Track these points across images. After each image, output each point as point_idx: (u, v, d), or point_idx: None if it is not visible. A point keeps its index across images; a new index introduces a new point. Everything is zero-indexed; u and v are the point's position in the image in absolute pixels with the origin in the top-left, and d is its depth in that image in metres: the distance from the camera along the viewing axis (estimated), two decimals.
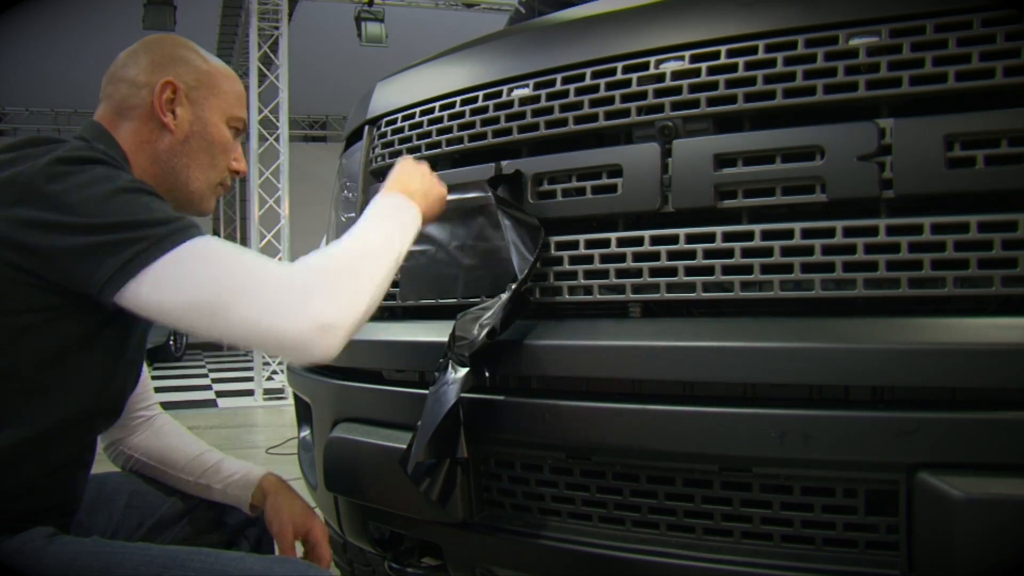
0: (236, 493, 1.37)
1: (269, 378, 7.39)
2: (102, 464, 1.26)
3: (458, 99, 1.32)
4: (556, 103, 1.19)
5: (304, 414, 1.71)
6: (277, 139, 7.36)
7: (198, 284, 0.91)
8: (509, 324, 1.13)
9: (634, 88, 1.12)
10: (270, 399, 6.99)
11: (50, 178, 0.93)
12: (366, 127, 1.53)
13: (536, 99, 1.21)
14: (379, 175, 1.50)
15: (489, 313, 1.11)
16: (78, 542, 1.00)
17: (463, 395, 1.10)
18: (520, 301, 1.14)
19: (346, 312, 0.94)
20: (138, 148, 1.13)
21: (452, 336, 1.13)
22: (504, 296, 1.13)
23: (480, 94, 1.29)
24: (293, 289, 0.92)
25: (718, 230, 1.04)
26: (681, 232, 1.07)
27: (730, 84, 1.05)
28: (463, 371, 1.10)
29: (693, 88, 1.08)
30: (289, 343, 0.90)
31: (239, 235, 13.16)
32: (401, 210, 1.14)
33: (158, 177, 1.14)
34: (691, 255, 1.06)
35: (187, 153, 1.16)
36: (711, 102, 1.06)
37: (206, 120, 1.17)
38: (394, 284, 1.38)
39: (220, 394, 7.47)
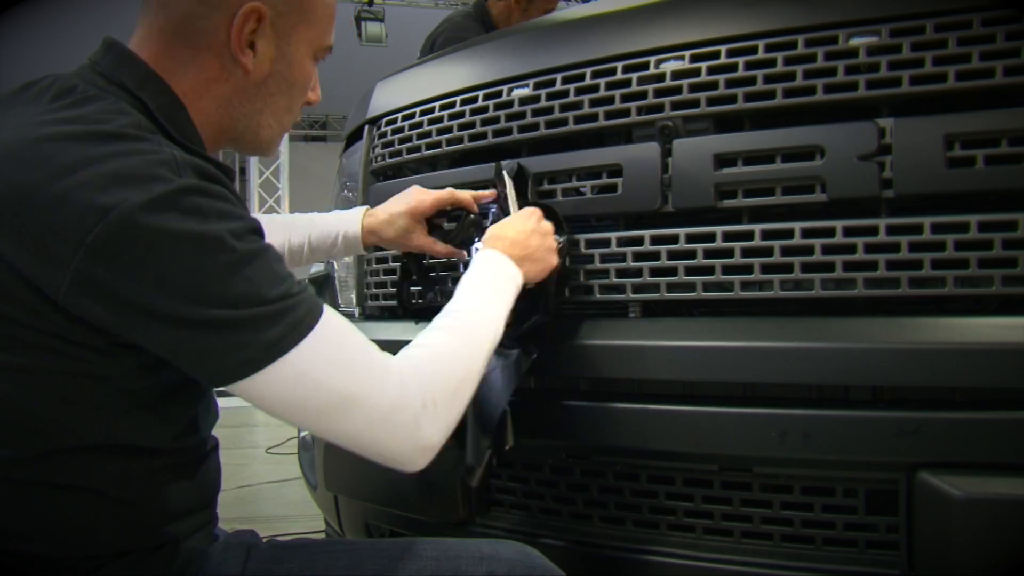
0: (346, 251, 1.32)
1: None
2: None
3: (458, 99, 1.32)
4: (556, 103, 1.19)
5: None
6: None
7: (314, 389, 0.80)
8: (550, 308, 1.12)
9: (634, 88, 1.12)
10: None
11: (135, 239, 0.73)
12: (366, 127, 1.53)
13: (536, 99, 1.21)
14: (379, 174, 1.50)
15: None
16: (297, 546, 0.93)
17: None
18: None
19: (447, 431, 0.88)
20: (201, 90, 0.88)
21: None
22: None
23: (480, 94, 1.29)
24: (407, 410, 0.83)
25: (718, 230, 1.04)
26: (681, 232, 1.07)
27: (730, 84, 1.05)
28: (513, 353, 1.08)
29: (693, 88, 1.08)
30: (390, 459, 0.85)
31: None
32: (512, 287, 1.03)
33: (223, 124, 0.91)
34: (691, 255, 1.06)
35: (262, 97, 0.92)
36: (711, 102, 1.06)
37: (291, 58, 0.92)
38: (394, 284, 1.38)
39: (220, 393, 7.44)
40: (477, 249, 1.16)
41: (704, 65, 1.07)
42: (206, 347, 0.76)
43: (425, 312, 1.35)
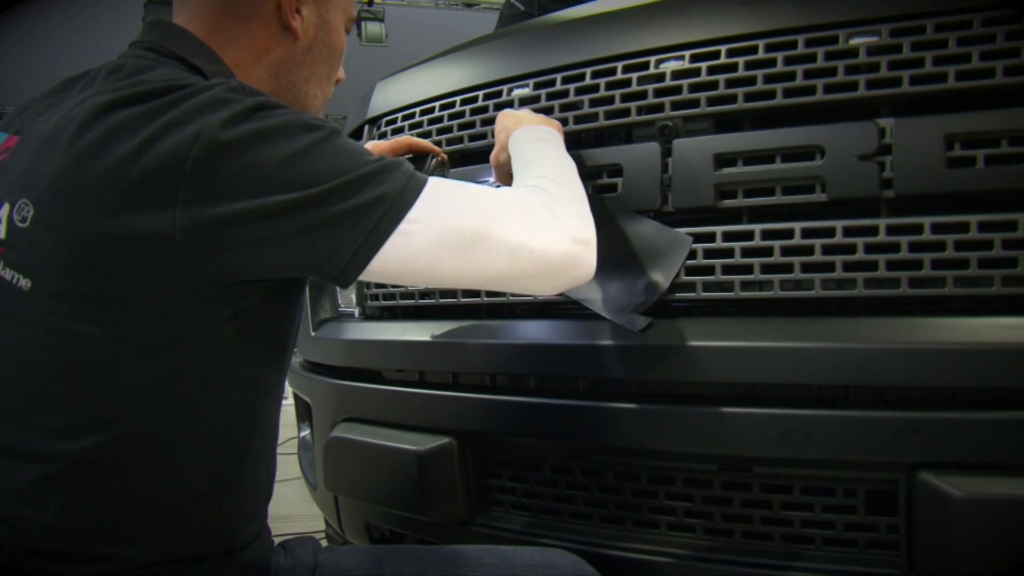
0: None
1: None
2: None
3: (458, 99, 1.32)
4: (556, 103, 1.19)
5: (304, 414, 1.71)
6: None
7: (451, 224, 0.78)
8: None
9: (634, 88, 1.12)
10: None
11: (228, 150, 0.72)
12: (366, 126, 1.53)
13: (536, 99, 1.21)
14: None
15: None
16: (361, 553, 0.93)
17: None
18: None
19: (589, 223, 0.87)
20: (254, 59, 0.90)
21: None
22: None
23: (480, 94, 1.29)
24: (540, 208, 0.83)
25: (718, 230, 1.04)
26: (680, 232, 1.07)
27: (730, 84, 1.05)
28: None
29: (693, 88, 1.08)
30: (559, 261, 0.82)
31: None
32: (551, 135, 1.03)
33: (275, 93, 0.92)
34: (691, 254, 1.06)
35: (309, 64, 0.94)
36: (711, 102, 1.06)
37: (331, 24, 0.95)
38: (393, 284, 1.38)
39: None
40: None
41: (704, 65, 1.07)
42: (334, 222, 0.75)
43: (423, 312, 1.35)
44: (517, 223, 0.81)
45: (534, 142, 1.01)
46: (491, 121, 1.26)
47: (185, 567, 0.81)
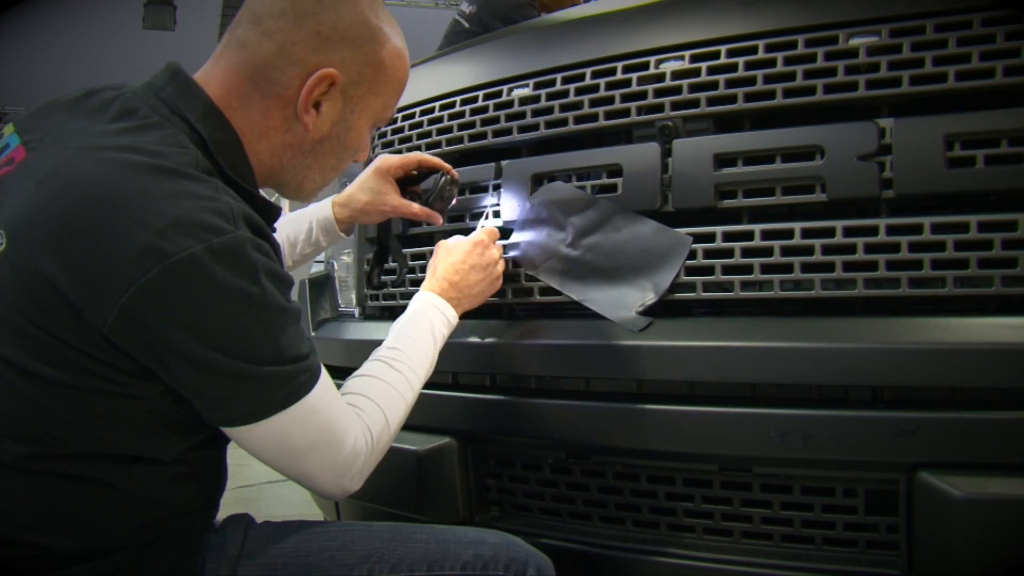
0: (325, 237, 1.32)
1: None
2: None
3: (458, 99, 1.32)
4: (556, 103, 1.19)
5: None
6: None
7: (293, 438, 0.87)
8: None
9: (634, 88, 1.12)
10: None
11: (185, 287, 0.76)
12: None
13: (536, 99, 1.21)
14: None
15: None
16: (292, 527, 0.96)
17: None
18: None
19: (376, 457, 0.96)
20: (260, 135, 0.90)
21: None
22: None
23: (480, 94, 1.28)
24: (352, 466, 0.91)
25: (718, 230, 1.04)
26: (680, 232, 1.07)
27: (730, 84, 1.05)
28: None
29: (693, 88, 1.08)
30: (325, 492, 0.93)
31: None
32: (446, 328, 1.10)
33: (273, 169, 0.93)
34: (691, 255, 1.06)
35: (316, 154, 0.94)
36: (711, 102, 1.06)
37: (351, 124, 0.94)
38: (391, 272, 1.38)
39: None
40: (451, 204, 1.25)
41: (704, 65, 1.07)
42: (224, 394, 0.82)
43: None
44: (326, 467, 0.90)
45: (427, 333, 1.08)
46: (491, 121, 1.26)
47: (114, 551, 0.84)
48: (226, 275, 0.77)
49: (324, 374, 0.89)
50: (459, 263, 1.13)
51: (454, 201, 1.26)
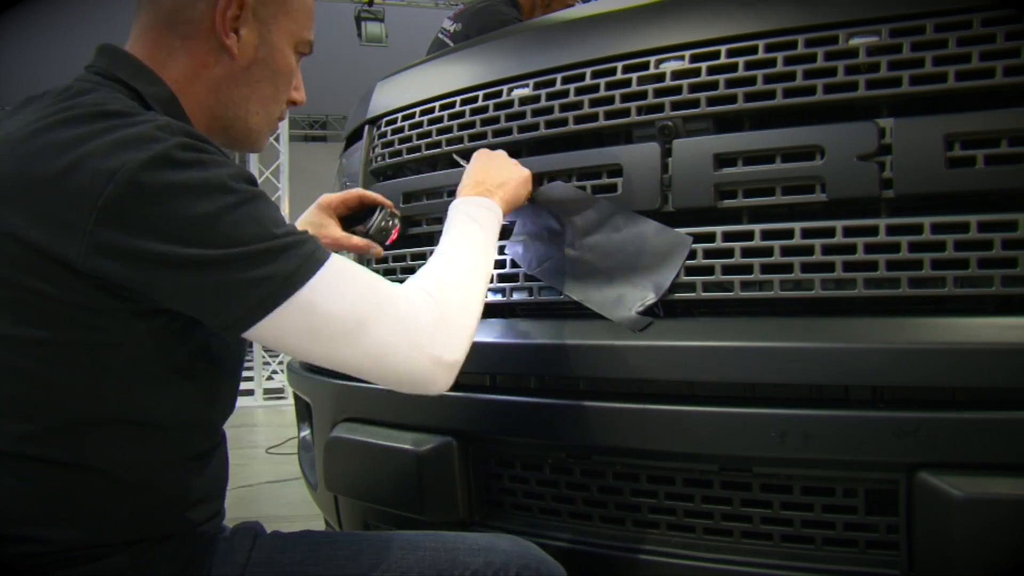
0: None
1: (269, 378, 7.39)
2: None
3: (458, 99, 1.32)
4: (556, 103, 1.19)
5: (304, 414, 1.71)
6: (277, 139, 7.35)
7: (330, 317, 0.82)
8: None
9: (634, 88, 1.12)
10: (270, 399, 7.01)
11: (143, 195, 0.76)
12: (366, 127, 1.53)
13: (536, 99, 1.21)
14: (379, 175, 1.50)
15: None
16: (301, 537, 0.95)
17: None
18: None
19: (464, 347, 0.90)
20: (192, 76, 0.92)
21: None
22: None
23: (480, 94, 1.29)
24: (422, 320, 0.86)
25: (718, 230, 1.04)
26: (680, 232, 1.07)
27: (730, 84, 1.05)
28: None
29: (693, 88, 1.08)
30: (416, 379, 0.86)
31: None
32: (486, 213, 1.07)
33: (214, 110, 0.95)
34: (691, 255, 1.06)
35: (248, 83, 0.96)
36: (711, 102, 1.06)
37: (273, 45, 0.97)
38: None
39: None
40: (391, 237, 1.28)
41: (704, 65, 1.07)
42: (224, 288, 0.78)
43: None
44: (391, 332, 0.84)
45: (464, 221, 1.05)
46: (491, 121, 1.26)
47: (116, 549, 0.83)
48: (178, 172, 0.78)
49: (343, 257, 0.86)
50: (480, 165, 1.15)
51: (394, 234, 1.29)
